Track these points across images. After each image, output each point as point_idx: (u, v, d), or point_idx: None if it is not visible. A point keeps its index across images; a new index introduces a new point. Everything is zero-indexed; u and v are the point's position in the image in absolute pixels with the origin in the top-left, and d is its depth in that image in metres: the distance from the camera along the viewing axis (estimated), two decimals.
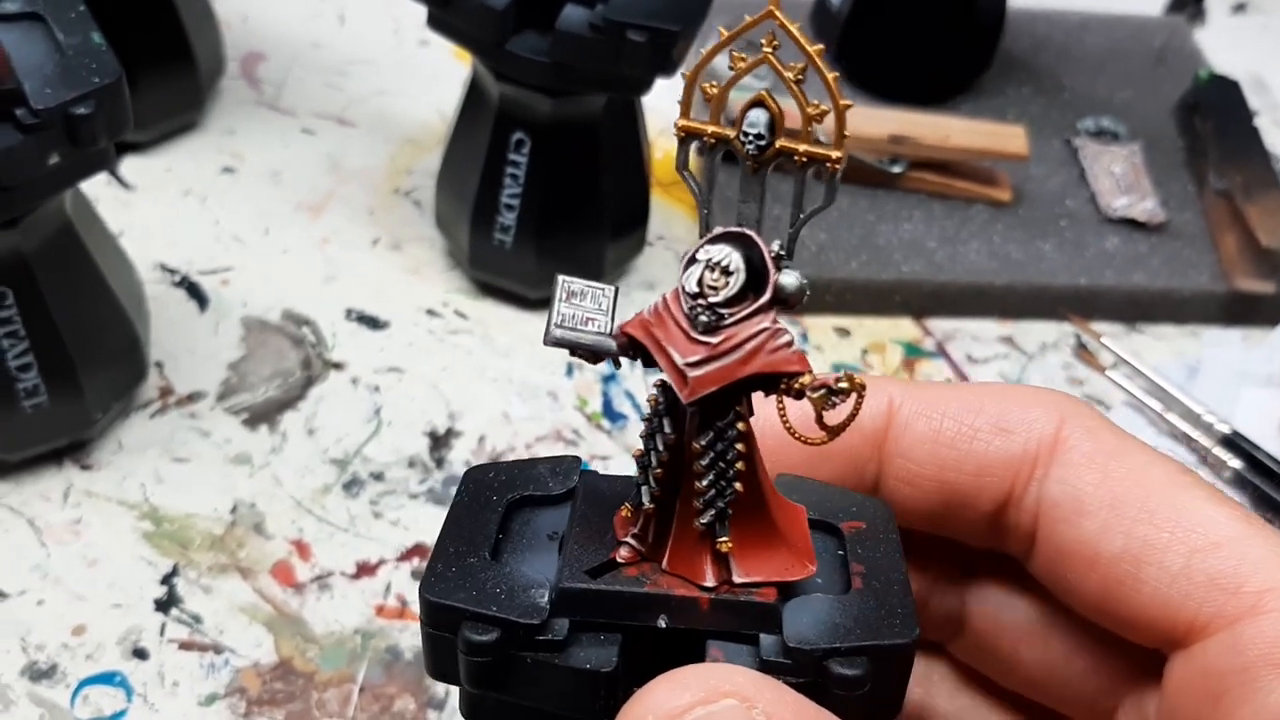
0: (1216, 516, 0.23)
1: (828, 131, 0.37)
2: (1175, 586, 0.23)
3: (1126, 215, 0.54)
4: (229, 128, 0.56)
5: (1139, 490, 0.24)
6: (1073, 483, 0.24)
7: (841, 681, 0.21)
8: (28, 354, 0.38)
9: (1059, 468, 0.24)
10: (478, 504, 0.24)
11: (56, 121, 0.34)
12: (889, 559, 0.23)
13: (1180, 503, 0.23)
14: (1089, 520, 0.24)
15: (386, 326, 0.49)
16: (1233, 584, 0.22)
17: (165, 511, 0.42)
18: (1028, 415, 0.25)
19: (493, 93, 0.45)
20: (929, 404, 0.26)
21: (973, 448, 0.25)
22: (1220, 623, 0.22)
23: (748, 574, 0.22)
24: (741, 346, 0.21)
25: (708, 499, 0.22)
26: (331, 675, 0.38)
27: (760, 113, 0.22)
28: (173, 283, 0.49)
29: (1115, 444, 0.24)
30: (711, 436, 0.22)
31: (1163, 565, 0.23)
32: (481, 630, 0.22)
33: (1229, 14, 0.69)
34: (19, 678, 0.37)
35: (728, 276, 0.21)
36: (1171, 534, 0.23)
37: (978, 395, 0.26)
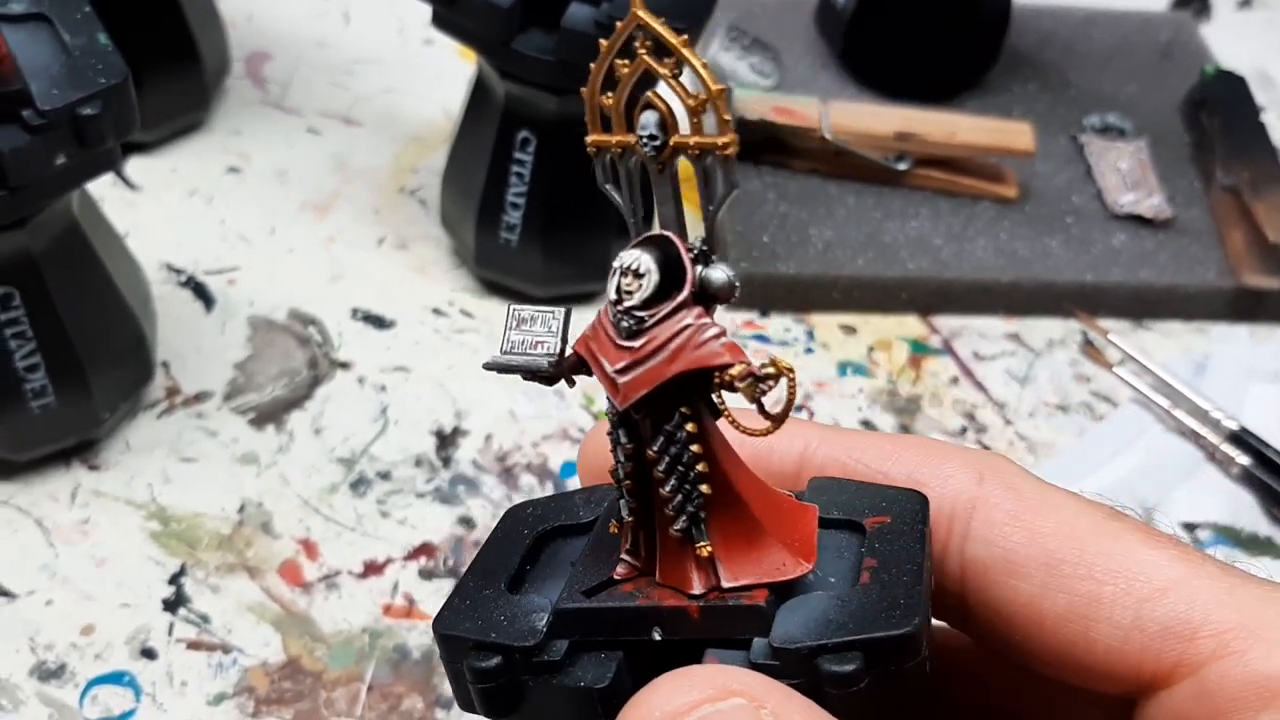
0: (1157, 560, 0.23)
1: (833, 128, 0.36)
2: (1130, 640, 0.22)
3: (1133, 211, 0.54)
4: (234, 127, 0.56)
5: (1072, 544, 0.23)
6: (1000, 544, 0.24)
7: (833, 679, 0.21)
8: (35, 354, 0.38)
9: (982, 527, 0.24)
10: (509, 539, 0.25)
11: (63, 122, 0.34)
12: (907, 550, 0.23)
13: (1116, 551, 0.23)
14: (1024, 582, 0.23)
15: (392, 326, 0.49)
16: (1187, 629, 0.22)
17: (173, 511, 0.42)
18: (942, 470, 0.24)
19: (498, 91, 0.45)
20: (844, 450, 0.25)
21: None
22: (1182, 671, 0.22)
23: (736, 577, 0.22)
24: (665, 346, 0.21)
25: (676, 505, 0.22)
26: (340, 674, 0.38)
27: (650, 114, 0.21)
28: (179, 283, 0.49)
29: (1038, 498, 0.24)
30: (663, 441, 0.21)
31: (1112, 620, 0.23)
32: (484, 657, 0.22)
33: (1234, 9, 0.68)
34: (28, 677, 0.37)
35: (639, 279, 0.21)
36: (1115, 586, 0.23)
37: (895, 446, 0.25)
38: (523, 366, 0.22)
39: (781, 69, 0.58)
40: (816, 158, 0.54)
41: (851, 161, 0.53)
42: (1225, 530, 0.43)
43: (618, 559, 0.23)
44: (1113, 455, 0.45)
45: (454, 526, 0.42)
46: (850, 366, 0.50)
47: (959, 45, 0.58)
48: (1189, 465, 0.45)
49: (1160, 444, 0.46)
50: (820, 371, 0.49)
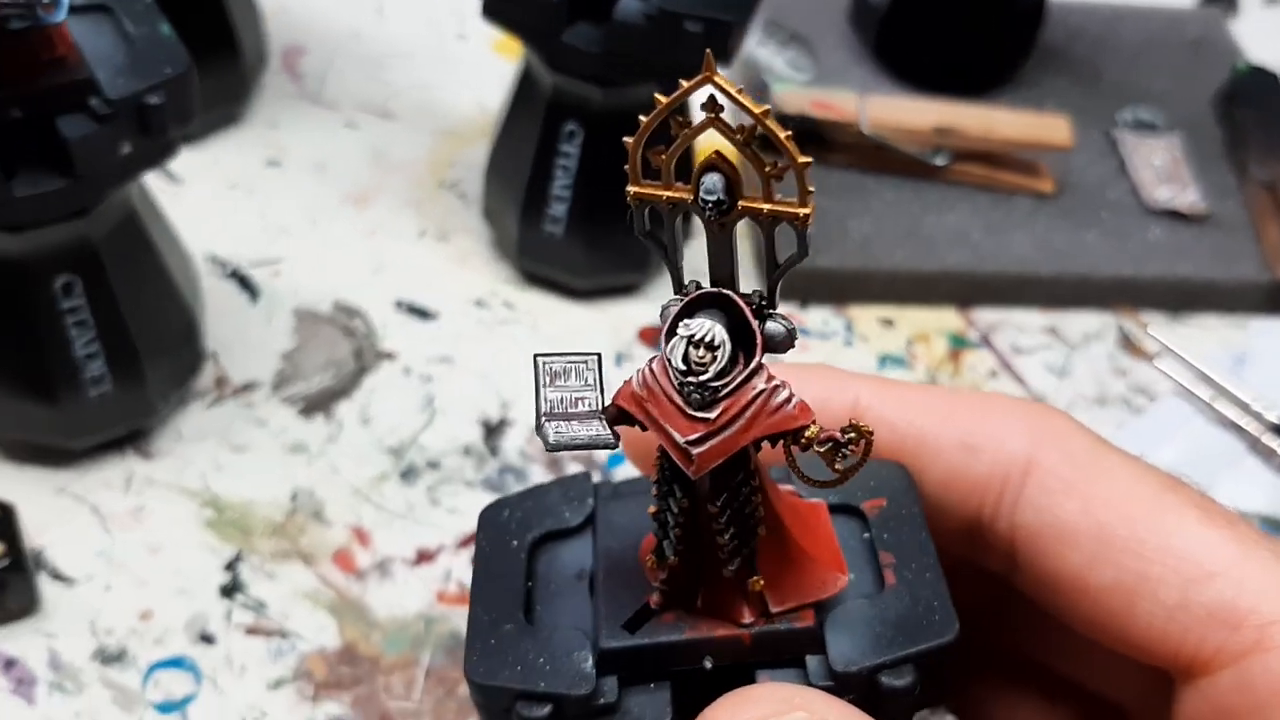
0: (1209, 540, 0.22)
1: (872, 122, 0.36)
2: (1174, 620, 0.22)
3: (1169, 206, 0.54)
4: (272, 120, 0.56)
5: (1125, 518, 0.23)
6: (1053, 511, 0.23)
7: (893, 693, 0.21)
8: (94, 342, 0.38)
9: (1036, 494, 0.24)
10: (500, 553, 0.24)
11: (129, 111, 0.34)
12: (914, 539, 0.23)
13: (1169, 529, 0.23)
14: (1074, 553, 0.23)
15: (436, 317, 0.49)
16: (1234, 617, 0.22)
17: (226, 499, 0.42)
18: (997, 433, 0.24)
19: (545, 83, 0.45)
20: (895, 409, 0.25)
21: (938, 462, 0.24)
22: (1225, 658, 0.22)
23: (782, 602, 0.22)
24: (741, 415, 0.20)
25: (732, 549, 0.22)
26: (396, 659, 0.39)
27: (715, 177, 0.20)
28: (224, 274, 0.49)
29: (1094, 466, 0.23)
30: (726, 497, 0.21)
31: (1157, 599, 0.22)
32: (535, 707, 0.22)
33: (1262, 6, 0.69)
34: (90, 661, 0.37)
35: (713, 352, 0.20)
36: (1164, 565, 0.22)
37: (949, 404, 0.25)
38: (588, 444, 0.22)
39: (817, 63, 0.59)
40: (854, 151, 0.54)
41: (889, 156, 0.54)
42: (1270, 521, 0.44)
43: (648, 585, 0.23)
44: (1154, 447, 0.45)
45: None
46: (889, 359, 0.50)
47: (993, 40, 0.58)
48: (1231, 457, 0.46)
49: (1201, 436, 0.46)
50: (860, 364, 0.50)
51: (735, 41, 0.43)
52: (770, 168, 0.20)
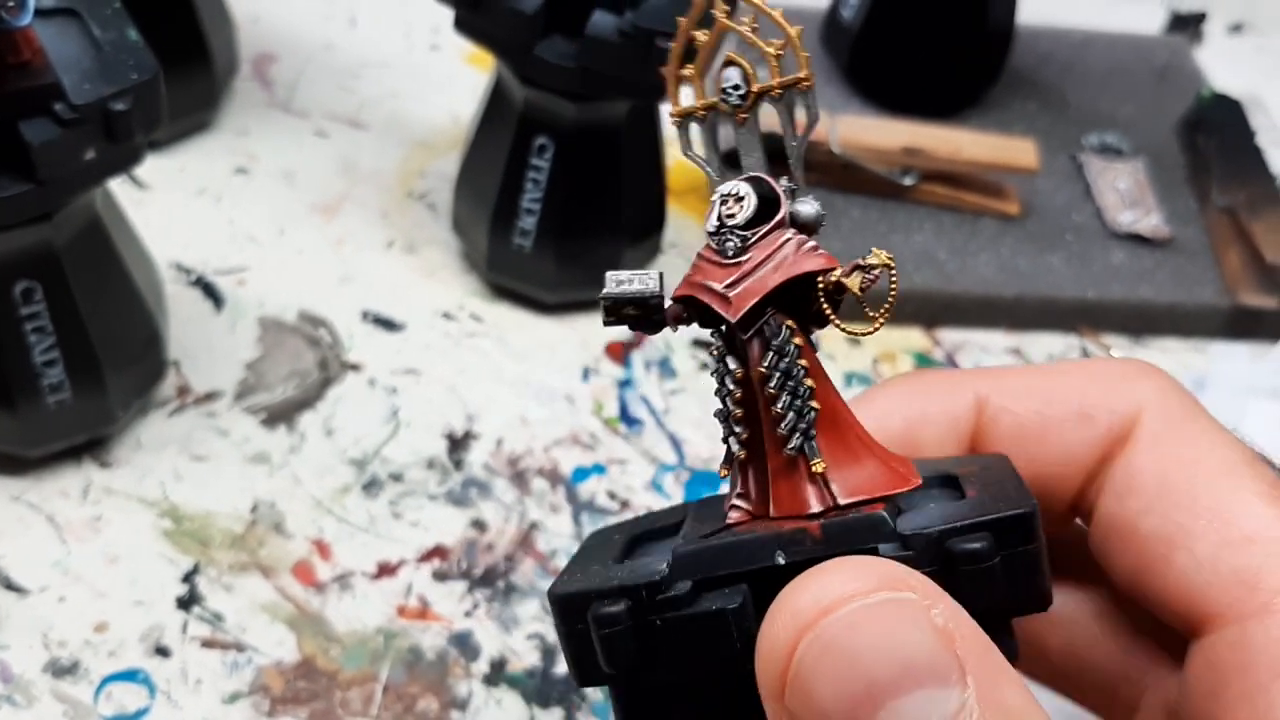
0: (1261, 513, 0.23)
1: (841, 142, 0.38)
2: (1200, 574, 0.23)
3: (1133, 230, 0.55)
4: (242, 128, 0.56)
5: (1187, 475, 0.24)
6: (1132, 462, 0.24)
7: (967, 557, 0.21)
8: (54, 349, 0.38)
9: (1128, 447, 0.25)
10: (599, 546, 0.25)
11: (94, 117, 0.34)
12: (1004, 475, 0.23)
13: (1225, 492, 0.23)
14: (1134, 499, 0.24)
15: (402, 328, 0.49)
16: (1254, 581, 0.22)
17: (185, 510, 0.42)
18: (1109, 399, 0.25)
19: (517, 97, 0.45)
20: (1013, 396, 0.26)
21: (1056, 437, 0.25)
22: (1231, 616, 0.23)
23: (851, 494, 0.23)
24: (770, 259, 0.23)
25: (789, 423, 0.22)
26: (354, 674, 0.38)
27: (732, 70, 0.24)
28: (188, 282, 0.49)
29: (1181, 425, 0.24)
30: (773, 356, 0.22)
31: (1192, 551, 0.23)
32: (609, 603, 0.22)
33: (1226, 34, 0.70)
34: (41, 674, 0.37)
35: (740, 202, 0.23)
36: (1208, 523, 0.23)
37: (1063, 378, 0.26)
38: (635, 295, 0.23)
39: None
40: (823, 170, 0.54)
41: (858, 175, 0.54)
42: None
43: (729, 508, 0.24)
44: None
45: (466, 529, 0.43)
46: (856, 378, 0.50)
47: (962, 63, 0.59)
48: None
49: None
50: None
51: None
52: (772, 46, 0.23)
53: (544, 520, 0.43)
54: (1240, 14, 0.71)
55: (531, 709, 0.38)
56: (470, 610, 0.40)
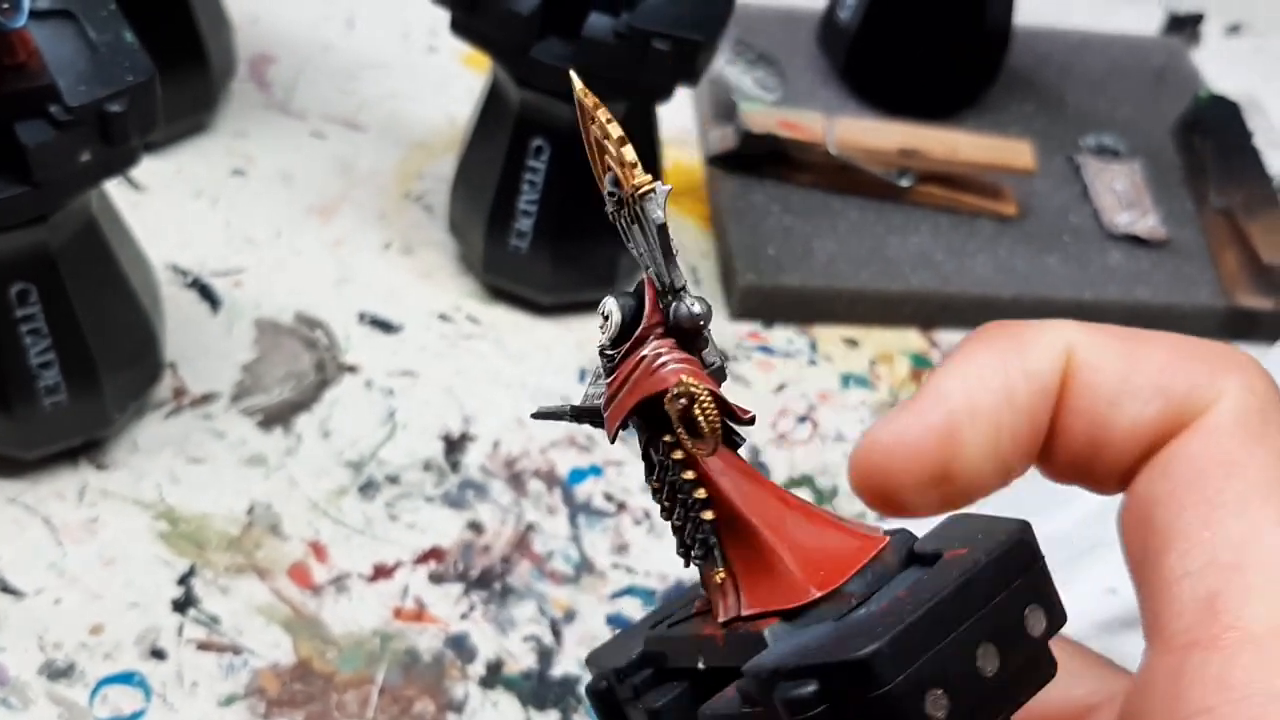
0: (1268, 546, 0.22)
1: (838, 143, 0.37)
2: (1180, 584, 0.22)
3: (1129, 231, 0.55)
4: (239, 130, 0.55)
5: (1216, 480, 0.23)
6: (1182, 443, 0.23)
7: (787, 704, 0.20)
8: (49, 351, 0.38)
9: (1188, 430, 0.23)
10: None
11: (90, 119, 0.34)
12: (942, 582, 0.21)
13: (1245, 510, 0.22)
14: (1165, 482, 0.23)
15: (399, 330, 0.49)
16: (1219, 607, 0.21)
17: (181, 512, 0.41)
18: (1191, 379, 0.24)
19: (513, 99, 0.45)
20: (1100, 353, 0.25)
21: (1129, 407, 0.24)
22: (1181, 640, 0.21)
23: (751, 605, 0.22)
24: (629, 379, 0.22)
25: (688, 535, 0.22)
26: (350, 677, 0.38)
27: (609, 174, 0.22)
28: (185, 284, 0.49)
29: (1250, 428, 0.23)
30: (657, 471, 0.22)
31: (1184, 557, 0.22)
32: (596, 681, 0.24)
33: (1223, 35, 0.70)
34: (37, 676, 0.37)
35: (606, 321, 0.22)
36: (1212, 534, 0.22)
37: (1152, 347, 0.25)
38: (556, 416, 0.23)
39: (785, 83, 0.59)
40: (820, 172, 0.54)
41: (855, 176, 0.54)
42: None
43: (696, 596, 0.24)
44: None
45: (463, 531, 0.42)
46: (853, 379, 0.50)
47: (959, 64, 0.59)
48: None
49: None
50: (823, 383, 0.50)
51: (704, 60, 0.43)
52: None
53: (540, 522, 0.43)
54: (1237, 15, 0.71)
55: (528, 711, 0.38)
56: (467, 612, 0.40)
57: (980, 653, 0.20)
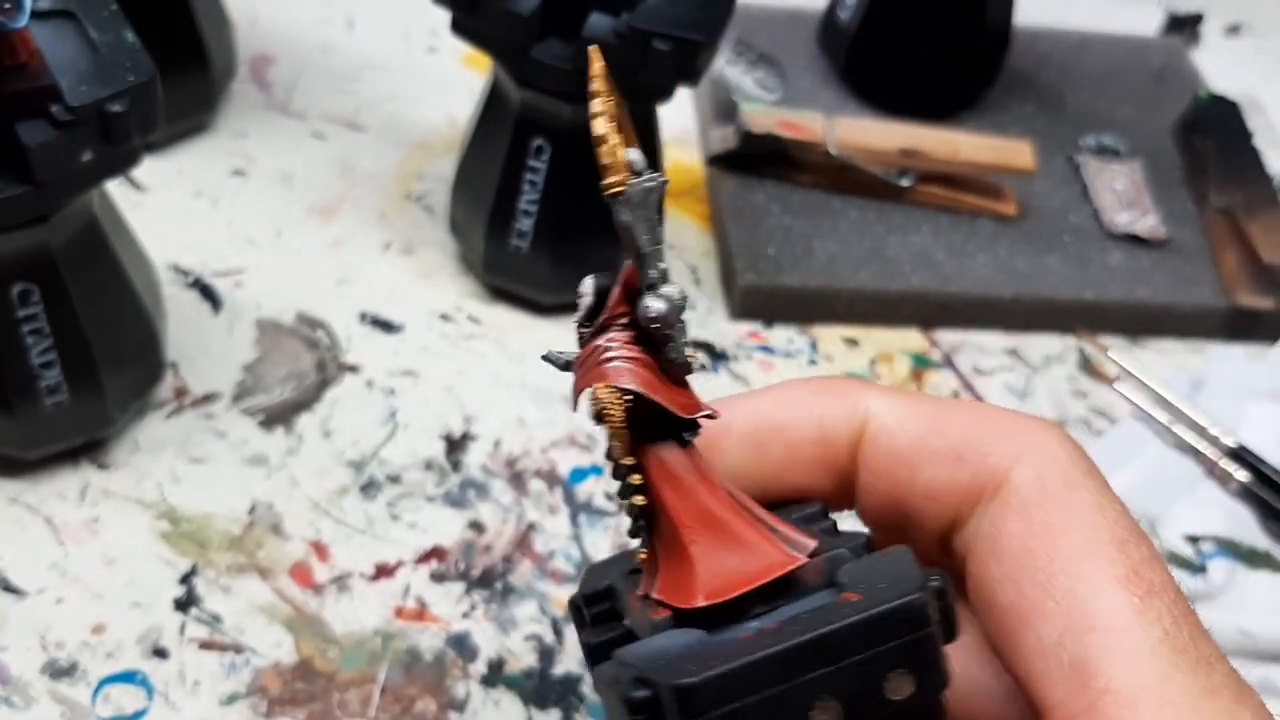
0: (1111, 602, 0.22)
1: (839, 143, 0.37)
2: (1044, 659, 0.22)
3: (1129, 231, 0.55)
4: (239, 130, 0.56)
5: (1050, 550, 0.23)
6: (998, 525, 0.24)
7: (625, 702, 0.21)
8: (51, 351, 0.38)
9: (995, 506, 0.24)
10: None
11: (91, 119, 0.34)
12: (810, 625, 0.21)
13: (1083, 574, 0.22)
14: (997, 566, 0.23)
15: (400, 330, 0.49)
16: (1086, 675, 0.21)
17: (183, 511, 0.42)
18: (986, 445, 0.24)
19: (513, 99, 0.45)
20: (899, 419, 0.25)
21: (925, 470, 0.25)
22: (1062, 713, 0.22)
23: (660, 591, 0.23)
24: (583, 364, 0.23)
25: (627, 510, 0.23)
26: (352, 676, 0.38)
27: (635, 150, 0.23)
28: (186, 284, 0.49)
29: (1058, 494, 0.23)
30: (606, 451, 0.23)
31: (1040, 633, 0.22)
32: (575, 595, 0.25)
33: (1223, 35, 0.70)
34: (39, 675, 0.37)
35: (580, 299, 0.23)
36: (1058, 604, 0.22)
37: (952, 415, 0.25)
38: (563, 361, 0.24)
39: (786, 84, 0.59)
40: (821, 172, 0.54)
41: (855, 176, 0.54)
42: (1226, 543, 0.44)
43: None
44: (1114, 469, 0.45)
45: (464, 530, 0.43)
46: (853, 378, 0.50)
47: (960, 64, 0.59)
48: (1189, 480, 0.46)
49: (1160, 459, 0.47)
50: None
51: (704, 60, 0.43)
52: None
53: (541, 521, 0.43)
54: (1237, 15, 0.71)
55: (529, 710, 0.38)
56: (468, 611, 0.40)
57: (820, 705, 0.20)
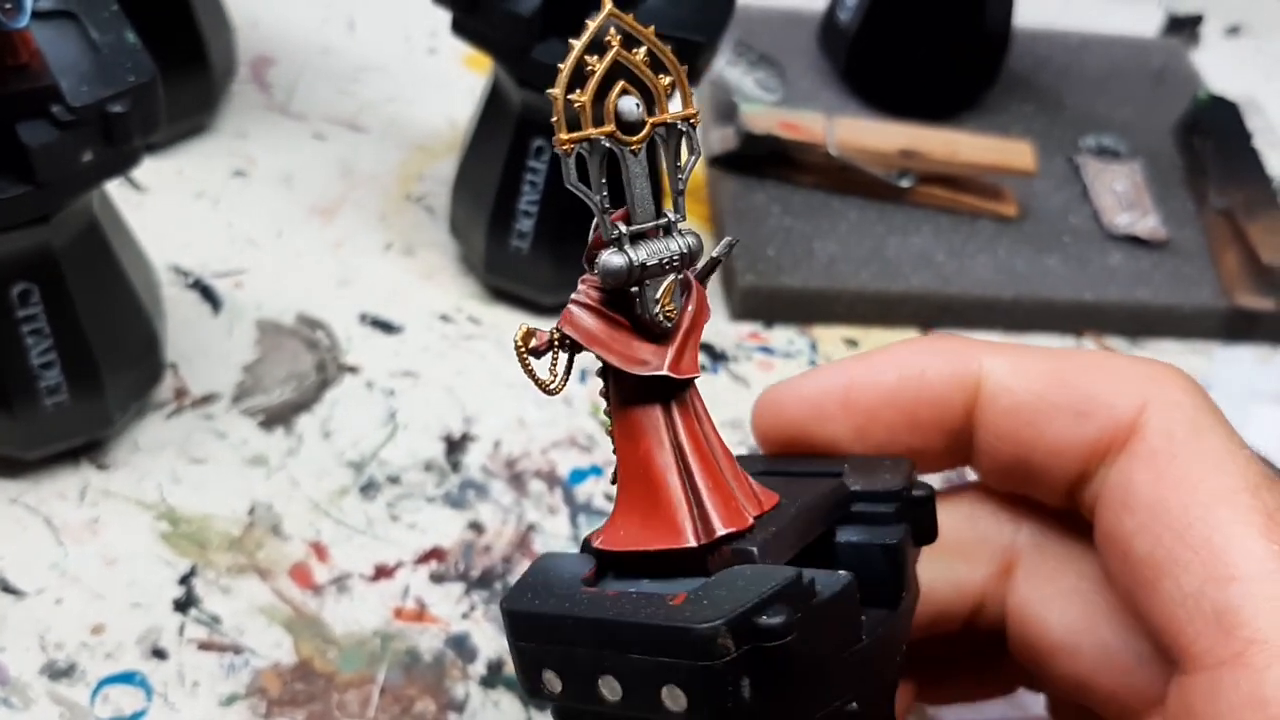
0: (1251, 549, 0.22)
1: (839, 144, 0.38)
2: (1183, 609, 0.22)
3: (1130, 232, 0.55)
4: (240, 131, 0.56)
5: (1184, 500, 0.23)
6: (1129, 475, 0.24)
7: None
8: (51, 352, 0.38)
9: (1125, 457, 0.24)
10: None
11: (92, 119, 0.34)
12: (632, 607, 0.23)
13: (1219, 523, 0.22)
14: (1130, 517, 0.24)
15: (400, 331, 0.49)
16: (1232, 624, 0.22)
17: (182, 512, 0.42)
18: (1109, 397, 0.24)
19: (514, 100, 0.45)
20: (1017, 375, 0.25)
21: (1048, 427, 0.25)
22: (1208, 661, 0.22)
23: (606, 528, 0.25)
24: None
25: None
26: (351, 676, 0.38)
27: (628, 99, 0.23)
28: (186, 284, 0.49)
29: (1188, 444, 0.23)
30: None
31: (1178, 583, 0.22)
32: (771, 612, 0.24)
33: (1223, 36, 0.70)
34: (38, 676, 0.37)
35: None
36: (1195, 554, 0.22)
37: (1072, 367, 0.25)
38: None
39: (786, 84, 0.59)
40: (821, 173, 0.54)
41: (856, 177, 0.54)
42: None
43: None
44: None
45: (464, 531, 0.42)
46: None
47: (960, 65, 0.59)
48: None
49: None
50: None
51: (705, 61, 0.43)
52: (663, 82, 0.24)
53: (541, 522, 0.43)
54: (1237, 16, 0.71)
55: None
56: (468, 612, 0.40)
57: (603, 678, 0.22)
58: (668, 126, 0.23)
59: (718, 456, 0.24)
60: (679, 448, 0.24)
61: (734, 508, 0.24)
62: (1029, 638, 0.27)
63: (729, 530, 0.23)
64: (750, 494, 0.24)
